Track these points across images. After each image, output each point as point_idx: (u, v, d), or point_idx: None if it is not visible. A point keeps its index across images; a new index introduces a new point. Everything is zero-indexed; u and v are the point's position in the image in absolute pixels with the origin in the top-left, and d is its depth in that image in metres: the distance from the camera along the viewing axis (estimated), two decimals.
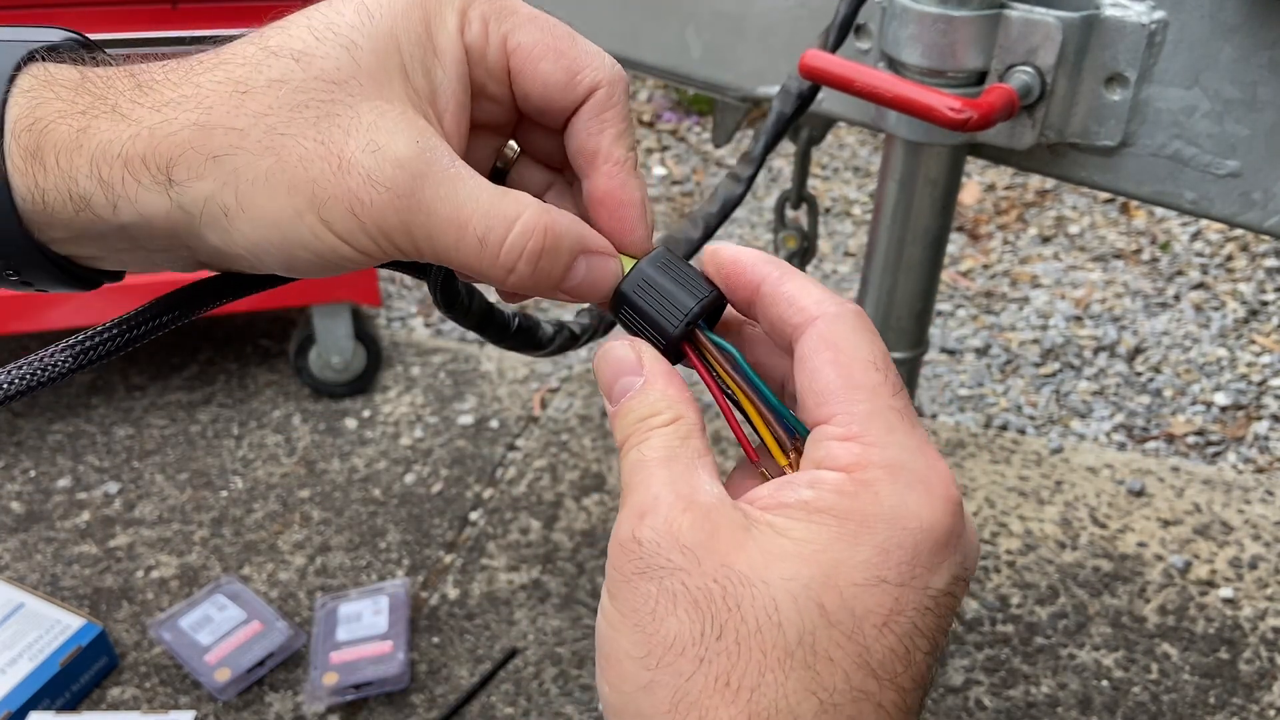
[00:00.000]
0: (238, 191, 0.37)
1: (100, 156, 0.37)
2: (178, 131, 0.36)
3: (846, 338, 0.38)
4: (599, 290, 0.42)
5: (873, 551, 0.34)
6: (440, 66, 0.39)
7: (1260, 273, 2.44)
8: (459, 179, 0.38)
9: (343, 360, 2.02)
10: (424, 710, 1.48)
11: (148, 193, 0.37)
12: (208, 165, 0.36)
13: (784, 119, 0.80)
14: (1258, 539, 1.73)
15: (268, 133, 0.36)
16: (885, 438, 0.36)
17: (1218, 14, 0.72)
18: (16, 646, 1.47)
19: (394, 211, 0.37)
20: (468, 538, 1.76)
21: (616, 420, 0.39)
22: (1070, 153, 0.82)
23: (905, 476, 0.35)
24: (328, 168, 0.37)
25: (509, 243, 0.39)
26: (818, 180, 2.86)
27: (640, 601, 0.34)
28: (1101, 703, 1.48)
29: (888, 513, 0.34)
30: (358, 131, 0.37)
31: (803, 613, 0.33)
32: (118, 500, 1.83)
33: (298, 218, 0.37)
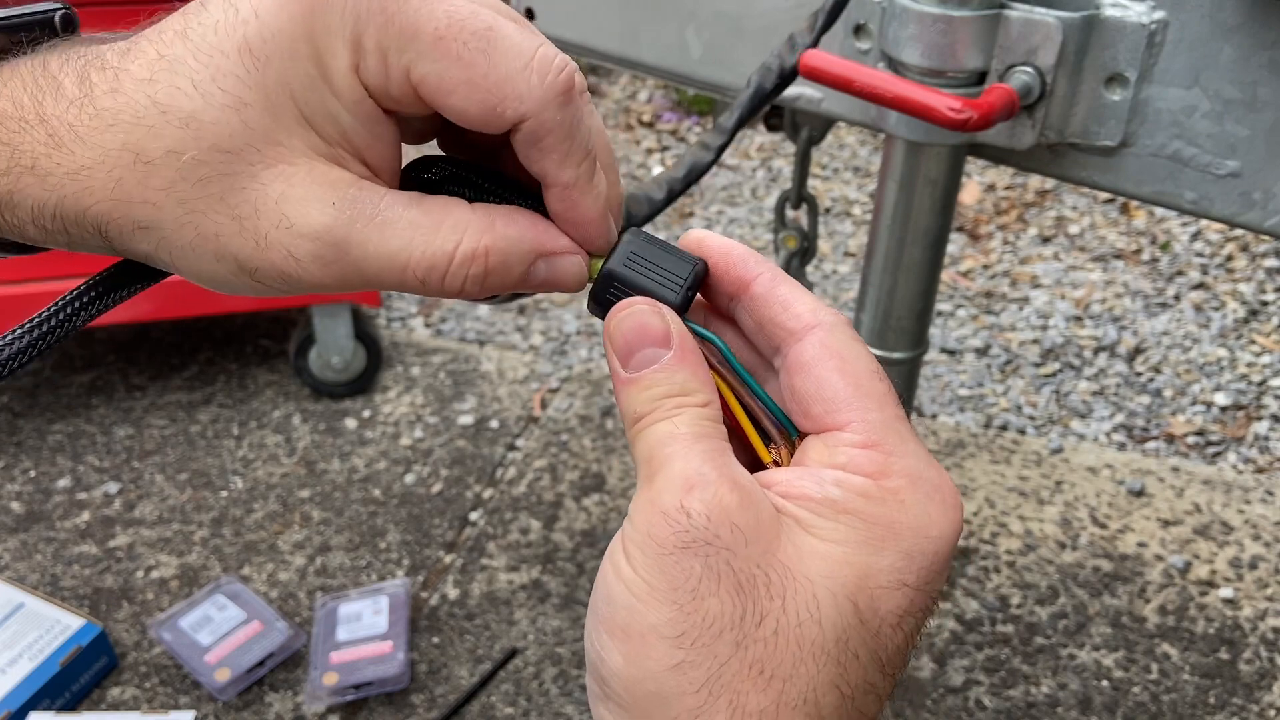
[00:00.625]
0: (171, 254, 0.37)
1: (38, 215, 0.37)
2: (98, 203, 0.36)
3: (849, 347, 0.38)
4: (566, 284, 0.40)
5: (898, 557, 0.35)
6: (343, 108, 0.36)
7: (1260, 273, 2.44)
8: (387, 225, 0.37)
9: (343, 360, 2.02)
10: (424, 710, 1.48)
11: (93, 243, 0.38)
12: (136, 233, 0.37)
13: (761, 94, 0.79)
14: (1258, 539, 1.73)
15: (180, 207, 0.36)
16: (901, 447, 0.37)
17: (1218, 14, 0.72)
18: (16, 646, 1.47)
19: (326, 275, 0.37)
20: (468, 538, 1.76)
21: (632, 389, 0.37)
22: (1070, 153, 0.82)
23: (925, 487, 0.36)
24: (246, 244, 0.36)
25: (451, 274, 0.37)
26: (818, 180, 2.86)
27: (681, 577, 0.33)
28: (1101, 703, 1.48)
29: (912, 521, 0.36)
30: (266, 207, 0.36)
31: (841, 612, 0.34)
32: (118, 500, 1.83)
33: (233, 278, 0.37)
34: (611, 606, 0.34)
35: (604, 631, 0.35)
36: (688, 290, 0.39)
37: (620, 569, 0.34)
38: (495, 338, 2.29)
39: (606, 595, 0.35)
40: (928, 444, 1.69)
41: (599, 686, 0.35)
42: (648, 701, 0.33)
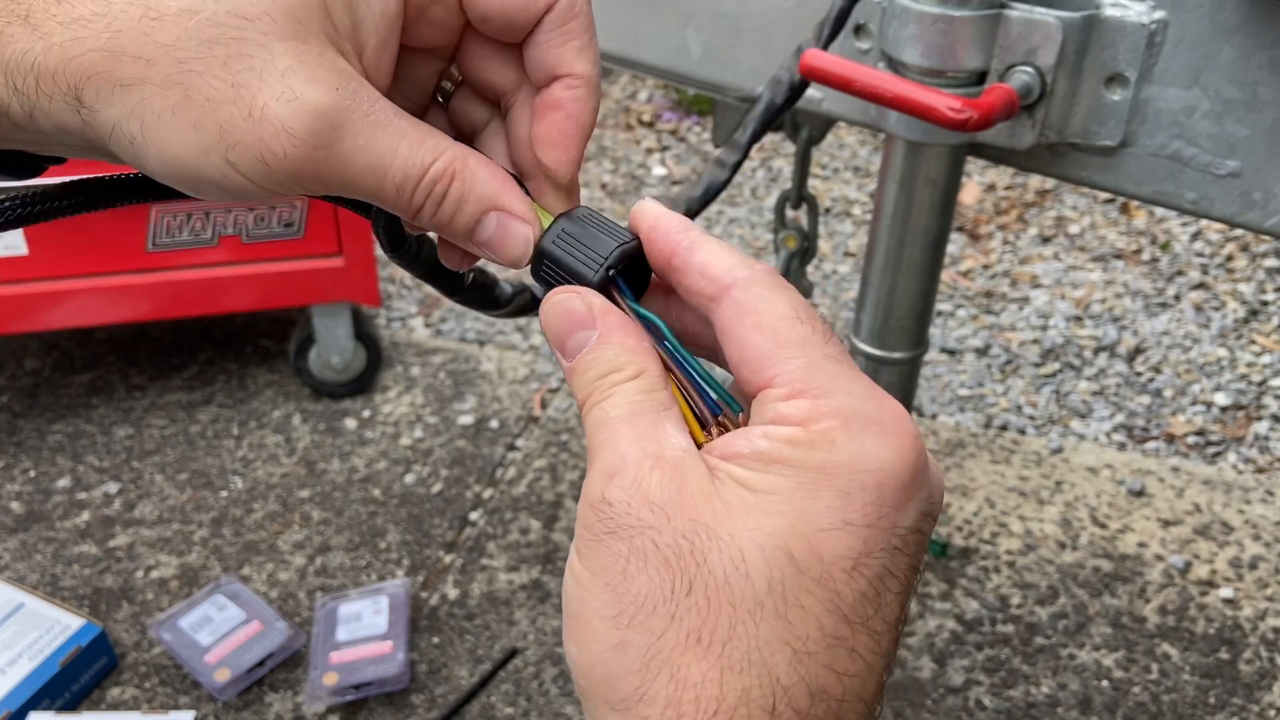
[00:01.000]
0: (144, 123, 0.35)
1: (14, 67, 0.35)
2: (85, 54, 0.35)
3: (763, 298, 0.37)
4: (508, 249, 0.40)
5: (834, 496, 0.34)
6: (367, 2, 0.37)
7: (1260, 273, 2.44)
8: (379, 125, 0.37)
9: (343, 360, 2.02)
10: (424, 710, 1.48)
11: (60, 109, 0.36)
12: (115, 92, 0.35)
13: (773, 108, 0.80)
14: (1258, 539, 1.73)
15: (175, 66, 0.35)
16: (830, 386, 0.35)
17: (1218, 14, 0.72)
18: (16, 646, 1.47)
19: (309, 162, 0.36)
20: (468, 538, 1.76)
21: (574, 377, 0.38)
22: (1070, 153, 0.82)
23: (858, 421, 0.35)
24: (237, 112, 0.35)
25: (419, 189, 0.38)
26: (818, 180, 2.86)
27: (611, 560, 0.34)
28: (1102, 703, 1.48)
29: (846, 459, 0.34)
30: (272, 77, 0.35)
31: (770, 562, 0.33)
32: (118, 500, 1.83)
33: (203, 155, 0.36)
34: (567, 598, 0.35)
35: (566, 626, 0.36)
36: (608, 269, 0.39)
37: (571, 562, 0.35)
38: (495, 338, 2.29)
39: (564, 590, 0.36)
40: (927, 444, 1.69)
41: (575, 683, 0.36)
42: (601, 685, 0.34)
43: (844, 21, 0.78)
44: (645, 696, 0.33)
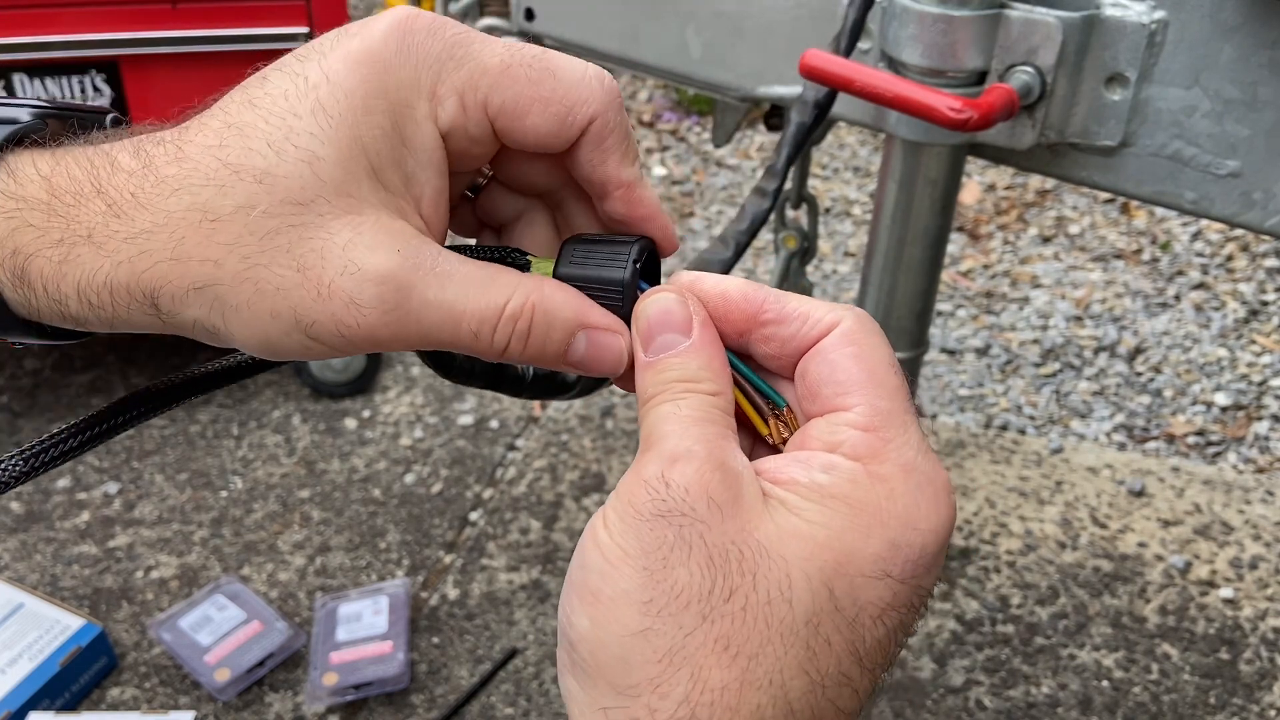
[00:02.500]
0: (224, 317, 0.37)
1: (86, 286, 0.37)
2: (155, 265, 0.36)
3: (868, 339, 0.38)
4: (604, 364, 0.41)
5: (884, 546, 0.34)
6: (412, 157, 0.38)
7: (1260, 273, 2.44)
8: (445, 278, 0.38)
9: (343, 360, 2.02)
10: (424, 710, 1.48)
11: (138, 315, 0.38)
12: (190, 295, 0.37)
13: (804, 129, 0.80)
14: (1258, 539, 1.73)
15: (242, 263, 0.36)
16: (901, 437, 0.36)
17: (1218, 14, 0.72)
18: (16, 646, 1.47)
19: (384, 326, 0.37)
20: (468, 538, 1.76)
21: (648, 372, 0.38)
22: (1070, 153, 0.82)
23: (917, 478, 0.36)
24: (307, 295, 0.37)
25: (500, 329, 0.39)
26: (818, 180, 2.86)
27: (653, 544, 0.34)
28: (1102, 703, 1.48)
29: (901, 511, 0.35)
30: (333, 254, 0.37)
31: (814, 594, 0.34)
32: (118, 500, 1.83)
33: (286, 336, 0.38)
34: (585, 571, 0.35)
35: (575, 596, 0.35)
36: (634, 262, 0.40)
37: (598, 535, 0.35)
38: None
39: (581, 561, 0.35)
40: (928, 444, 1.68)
41: (567, 655, 0.35)
42: (611, 666, 0.33)
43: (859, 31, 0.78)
44: (660, 688, 0.33)
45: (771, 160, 0.81)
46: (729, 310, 0.40)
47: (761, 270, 2.48)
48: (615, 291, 0.40)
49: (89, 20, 1.66)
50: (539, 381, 0.65)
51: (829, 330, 0.38)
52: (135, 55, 1.69)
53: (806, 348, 0.39)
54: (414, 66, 0.38)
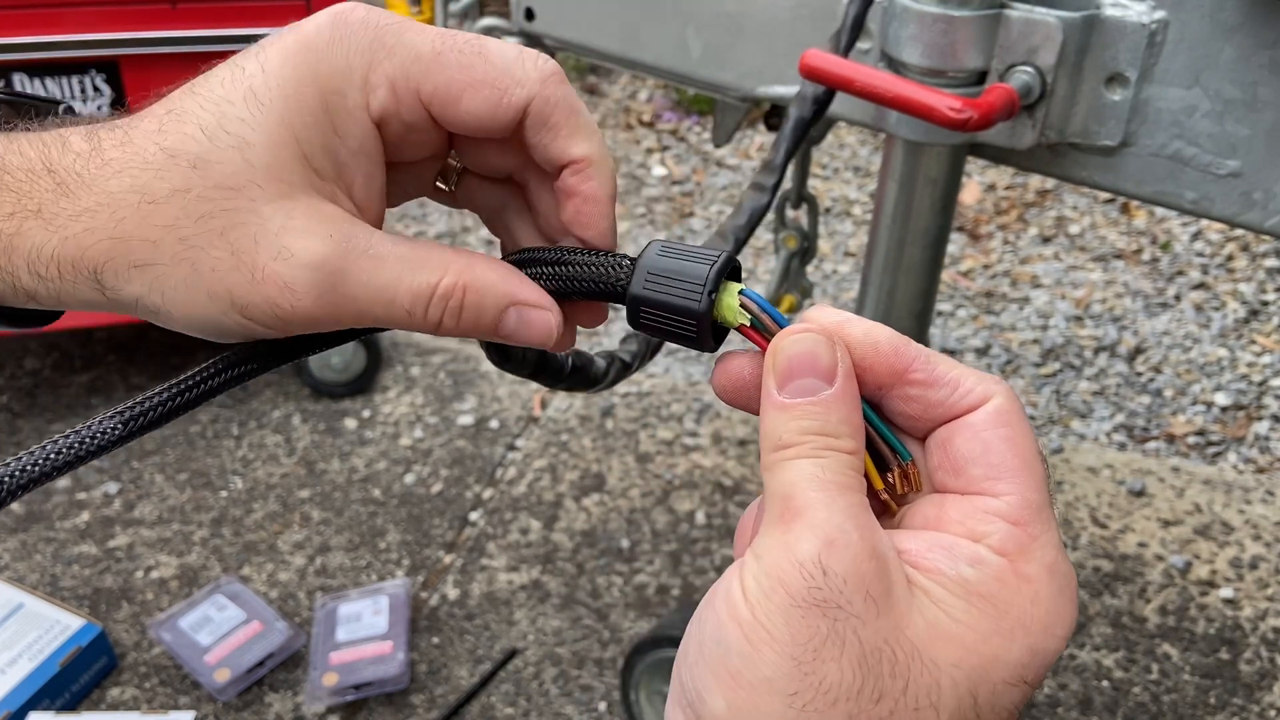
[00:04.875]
0: (163, 295, 0.38)
1: (35, 259, 0.38)
2: (98, 243, 0.37)
3: (1021, 422, 0.37)
4: (536, 337, 0.42)
5: (1024, 652, 0.34)
6: (344, 144, 0.39)
7: (1261, 273, 2.44)
8: (379, 260, 0.39)
9: (342, 360, 2.02)
10: (424, 710, 1.48)
11: (84, 289, 0.38)
12: (131, 272, 0.38)
13: (802, 124, 0.80)
14: (1258, 539, 1.73)
15: (180, 244, 0.37)
16: (1046, 535, 0.35)
17: (1218, 14, 0.72)
18: (16, 647, 1.47)
19: (318, 308, 0.38)
20: (468, 538, 1.76)
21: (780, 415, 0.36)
22: (1071, 153, 0.82)
23: (1060, 581, 0.35)
24: (241, 279, 0.37)
25: (432, 307, 0.40)
26: (818, 180, 2.86)
27: (806, 634, 0.32)
28: (1102, 703, 1.48)
29: (1044, 617, 0.34)
30: (265, 239, 0.37)
31: (960, 702, 0.33)
32: (117, 500, 1.83)
33: (223, 316, 0.38)
34: (723, 649, 0.33)
35: (709, 673, 0.33)
36: (710, 293, 0.38)
37: (738, 610, 0.33)
38: None
39: (718, 636, 0.34)
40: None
41: None
42: None
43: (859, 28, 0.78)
44: None
45: (770, 156, 0.81)
46: (876, 363, 0.37)
47: (762, 270, 2.48)
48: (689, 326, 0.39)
49: (89, 20, 1.66)
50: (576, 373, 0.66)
51: (980, 403, 0.37)
52: (135, 55, 1.69)
53: (951, 417, 0.37)
54: (345, 55, 0.38)
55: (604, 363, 0.71)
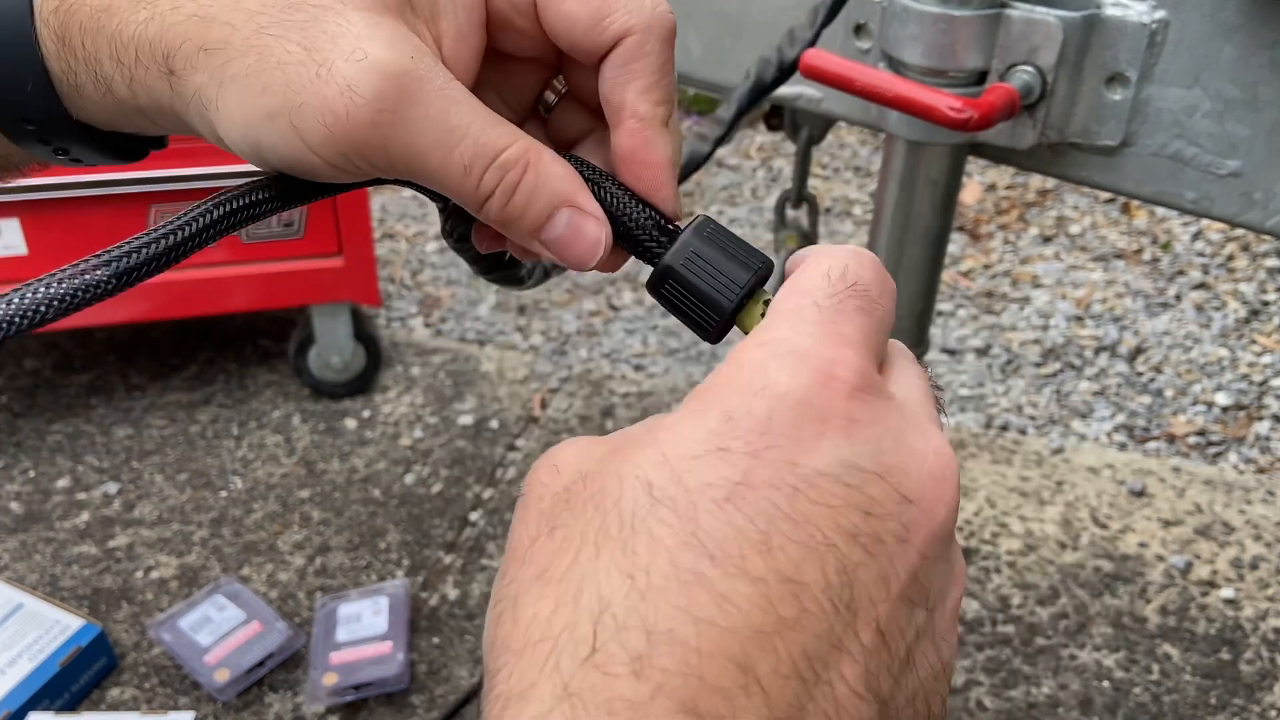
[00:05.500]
0: (221, 85, 0.36)
1: (117, 40, 0.37)
2: (181, 21, 0.36)
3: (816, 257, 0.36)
4: (576, 249, 0.39)
5: (718, 420, 0.30)
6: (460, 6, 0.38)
7: (1261, 273, 2.44)
8: (452, 100, 0.36)
9: (342, 360, 2.02)
10: (424, 711, 1.48)
11: (154, 79, 0.37)
12: (201, 57, 0.36)
13: (760, 87, 0.78)
14: (1259, 539, 1.72)
15: (256, 31, 0.35)
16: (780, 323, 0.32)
17: (1218, 14, 0.71)
18: (16, 647, 1.46)
19: (373, 127, 0.35)
20: (468, 538, 1.76)
21: None
22: (1071, 152, 0.81)
23: (776, 348, 0.31)
24: (305, 72, 0.35)
25: (490, 173, 0.37)
26: (818, 180, 2.86)
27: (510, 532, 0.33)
28: (1102, 703, 1.48)
29: (743, 382, 0.30)
30: (344, 39, 0.35)
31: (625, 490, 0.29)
32: (117, 500, 1.83)
33: (269, 120, 0.36)
34: None
35: None
36: (744, 298, 0.38)
37: None
38: (495, 338, 2.29)
39: None
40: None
41: None
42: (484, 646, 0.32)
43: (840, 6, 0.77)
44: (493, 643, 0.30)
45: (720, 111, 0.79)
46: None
47: None
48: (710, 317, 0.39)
49: None
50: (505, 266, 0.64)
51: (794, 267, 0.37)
52: None
53: None
54: None
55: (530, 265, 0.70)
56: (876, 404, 0.31)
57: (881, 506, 0.30)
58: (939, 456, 0.32)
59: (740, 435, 0.29)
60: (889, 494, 0.30)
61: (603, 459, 0.32)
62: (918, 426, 0.32)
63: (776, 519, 0.28)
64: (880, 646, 0.29)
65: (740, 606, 0.27)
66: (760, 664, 0.27)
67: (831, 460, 0.29)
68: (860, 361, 0.32)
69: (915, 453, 0.31)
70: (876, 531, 0.29)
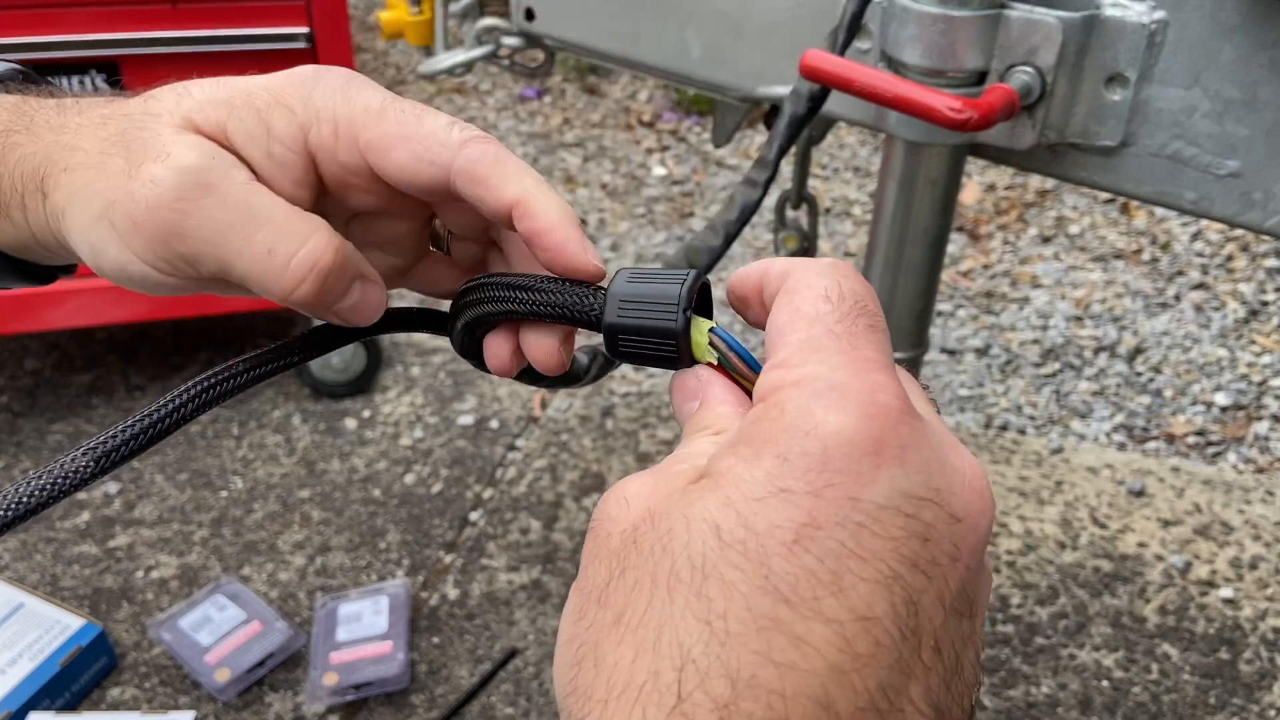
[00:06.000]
0: (69, 199, 0.41)
1: (16, 169, 0.42)
2: (54, 149, 0.42)
3: (804, 278, 0.36)
4: (367, 313, 0.44)
5: (773, 463, 0.30)
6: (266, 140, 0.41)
7: (1260, 273, 2.44)
8: (254, 192, 0.40)
9: (343, 360, 2.02)
10: (424, 710, 1.48)
11: (33, 202, 0.42)
12: (60, 177, 0.41)
13: (797, 121, 0.80)
14: (1258, 539, 1.73)
15: (98, 152, 0.41)
16: (806, 358, 0.33)
17: (1218, 14, 0.72)
18: (16, 646, 1.47)
19: (172, 213, 0.39)
20: (468, 538, 1.76)
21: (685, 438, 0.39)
22: (1070, 153, 0.82)
23: (816, 386, 0.31)
24: (121, 176, 0.40)
25: (299, 258, 0.40)
26: (818, 180, 2.86)
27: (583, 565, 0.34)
28: (1102, 703, 1.48)
29: (789, 424, 0.31)
30: (155, 145, 0.40)
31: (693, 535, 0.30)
32: (118, 500, 1.83)
33: (96, 222, 0.40)
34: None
35: None
36: (685, 310, 0.39)
37: None
38: None
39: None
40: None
41: None
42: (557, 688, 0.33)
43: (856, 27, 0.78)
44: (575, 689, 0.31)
45: (763, 152, 0.80)
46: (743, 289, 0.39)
47: None
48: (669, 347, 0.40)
49: (89, 20, 1.66)
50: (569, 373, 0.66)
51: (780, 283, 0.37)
52: (136, 55, 1.69)
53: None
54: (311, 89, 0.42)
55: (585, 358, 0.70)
56: (917, 426, 0.32)
57: (936, 530, 0.30)
58: (974, 470, 0.33)
59: (799, 475, 0.30)
60: (941, 516, 0.31)
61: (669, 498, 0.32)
62: (951, 443, 0.33)
63: (845, 558, 0.29)
64: (937, 661, 0.30)
65: (818, 648, 0.28)
66: (840, 701, 0.28)
67: (890, 492, 0.30)
68: (894, 383, 0.32)
69: (956, 471, 0.32)
70: (934, 555, 0.30)
